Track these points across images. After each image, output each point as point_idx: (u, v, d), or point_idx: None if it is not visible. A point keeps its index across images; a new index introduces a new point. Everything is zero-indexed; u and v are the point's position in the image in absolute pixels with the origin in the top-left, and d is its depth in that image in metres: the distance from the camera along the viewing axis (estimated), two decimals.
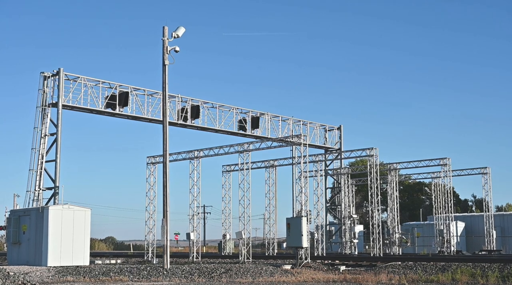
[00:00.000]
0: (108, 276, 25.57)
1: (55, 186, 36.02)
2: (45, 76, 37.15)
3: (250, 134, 46.76)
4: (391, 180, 52.89)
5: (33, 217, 31.18)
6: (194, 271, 26.86)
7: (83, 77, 38.29)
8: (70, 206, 31.02)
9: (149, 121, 41.96)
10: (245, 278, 26.00)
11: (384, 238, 49.83)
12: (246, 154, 38.36)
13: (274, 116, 48.71)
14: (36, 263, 30.05)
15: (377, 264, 31.13)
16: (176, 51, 28.33)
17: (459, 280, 23.94)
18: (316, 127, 52.57)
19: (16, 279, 23.20)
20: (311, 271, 29.19)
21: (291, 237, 33.02)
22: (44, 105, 36.84)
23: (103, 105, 39.36)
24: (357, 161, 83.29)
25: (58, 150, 36.50)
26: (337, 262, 33.54)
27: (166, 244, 27.78)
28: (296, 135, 36.70)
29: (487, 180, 52.55)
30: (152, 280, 24.94)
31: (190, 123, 43.35)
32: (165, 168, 28.12)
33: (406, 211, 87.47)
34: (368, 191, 43.18)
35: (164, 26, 28.34)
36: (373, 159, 42.78)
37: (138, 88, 40.84)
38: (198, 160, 40.67)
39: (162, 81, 28.78)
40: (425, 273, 26.56)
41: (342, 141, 54.38)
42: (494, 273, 25.07)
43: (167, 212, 27.92)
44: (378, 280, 24.67)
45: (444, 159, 48.06)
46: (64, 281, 24.49)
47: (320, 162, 49.45)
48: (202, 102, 43.99)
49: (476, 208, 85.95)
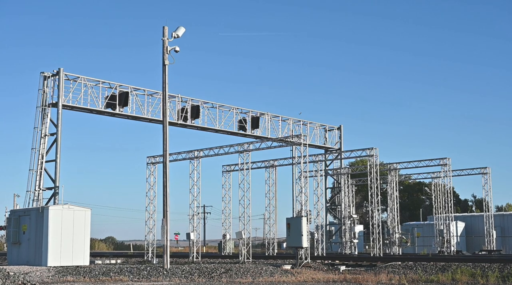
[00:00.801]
0: (108, 276, 25.57)
1: (55, 186, 36.04)
2: (45, 76, 37.16)
3: (250, 134, 46.77)
4: (391, 180, 52.87)
5: (33, 217, 31.17)
6: (194, 271, 26.86)
7: (83, 77, 38.30)
8: (70, 206, 31.01)
9: (149, 121, 41.97)
10: (245, 278, 26.00)
11: (384, 238, 49.81)
12: (246, 154, 38.36)
13: (274, 116, 48.70)
14: (36, 263, 30.05)
15: (377, 264, 31.12)
16: (176, 51, 28.34)
17: (459, 280, 23.95)
18: (316, 127, 52.57)
19: (16, 279, 23.20)
20: (311, 271, 29.20)
21: (291, 237, 33.03)
22: (44, 105, 36.85)
23: (103, 105, 39.38)
24: (357, 161, 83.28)
25: (58, 150, 36.52)
26: (337, 262, 33.53)
27: (166, 244, 27.78)
28: (296, 135, 36.70)
29: (487, 180, 52.55)
30: (152, 280, 24.94)
31: (190, 123, 43.36)
32: (165, 168, 28.12)
33: (406, 211, 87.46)
34: (368, 191, 43.18)
35: (164, 26, 28.37)
36: (373, 159, 42.78)
37: (138, 88, 40.85)
38: (198, 160, 40.67)
39: (162, 81, 28.80)
40: (425, 273, 26.57)
41: (342, 141, 54.39)
42: (494, 273, 25.07)
43: (167, 212, 27.93)
44: (378, 280, 24.67)
45: (444, 159, 48.05)
46: (64, 281, 24.49)
47: (320, 162, 49.45)
48: (202, 102, 43.99)
49: (476, 208, 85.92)
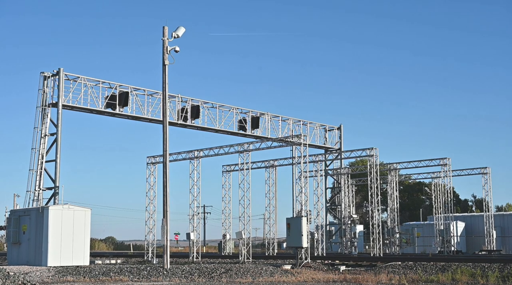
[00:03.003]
0: (108, 276, 25.57)
1: (55, 186, 36.04)
2: (45, 76, 37.17)
3: (250, 134, 46.76)
4: (391, 180, 52.86)
5: (33, 217, 31.17)
6: (194, 271, 26.86)
7: (83, 77, 38.31)
8: (70, 206, 31.01)
9: (149, 121, 41.98)
10: (245, 278, 26.00)
11: (384, 238, 49.80)
12: (246, 154, 38.36)
13: (274, 116, 48.70)
14: (36, 263, 30.04)
15: (377, 264, 31.12)
16: (176, 51, 28.34)
17: (459, 280, 23.95)
18: (316, 127, 52.57)
19: (16, 279, 23.19)
20: (311, 271, 29.19)
21: (291, 237, 33.02)
22: (44, 105, 36.86)
23: (103, 105, 39.38)
24: (357, 161, 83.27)
25: (58, 150, 36.52)
26: (337, 262, 33.53)
27: (166, 244, 27.78)
28: (296, 135, 36.69)
29: (487, 180, 52.53)
30: (152, 280, 24.94)
31: (190, 123, 43.36)
32: (165, 168, 28.12)
33: (406, 211, 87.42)
34: (368, 191, 43.18)
35: (164, 26, 28.37)
36: (373, 159, 42.77)
37: (138, 88, 40.85)
38: (198, 160, 40.67)
39: (162, 81, 28.80)
40: (425, 273, 26.57)
41: (342, 141, 54.39)
42: (494, 273, 25.07)
43: (167, 212, 27.93)
44: (378, 280, 24.67)
45: (444, 159, 48.04)
46: (64, 281, 24.49)
47: (320, 162, 49.44)
48: (202, 102, 43.99)
49: (476, 208, 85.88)
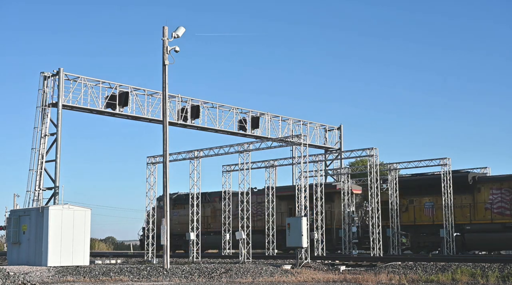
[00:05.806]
0: (108, 276, 25.57)
1: (55, 186, 36.05)
2: (45, 76, 37.19)
3: (250, 134, 46.79)
4: (391, 180, 52.84)
5: (33, 217, 31.16)
6: (194, 271, 26.87)
7: (83, 77, 38.33)
8: (70, 206, 31.00)
9: (149, 121, 41.99)
10: (245, 278, 26.00)
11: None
12: (246, 154, 38.35)
13: (274, 116, 48.73)
14: (36, 263, 30.03)
15: (377, 264, 31.11)
16: (176, 51, 28.32)
17: (459, 280, 23.94)
18: (316, 127, 52.60)
19: (16, 279, 23.21)
20: (311, 271, 29.18)
21: (291, 237, 33.01)
22: (44, 105, 36.88)
23: (103, 105, 39.40)
24: (357, 161, 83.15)
25: (58, 150, 36.54)
26: (337, 262, 33.50)
27: (166, 244, 27.79)
28: (296, 135, 36.69)
29: None
30: (152, 280, 24.95)
31: (190, 123, 43.38)
32: (165, 168, 28.12)
33: None
34: (368, 191, 43.16)
35: (164, 26, 28.35)
36: (373, 159, 42.71)
37: (138, 88, 40.87)
38: (198, 160, 40.63)
39: (162, 81, 28.79)
40: (425, 273, 26.55)
41: (342, 141, 54.43)
42: (494, 273, 25.04)
43: (167, 212, 27.94)
44: (378, 280, 24.66)
45: (444, 159, 47.98)
46: (64, 281, 24.50)
47: (320, 162, 49.37)
48: (202, 102, 44.01)
49: None
